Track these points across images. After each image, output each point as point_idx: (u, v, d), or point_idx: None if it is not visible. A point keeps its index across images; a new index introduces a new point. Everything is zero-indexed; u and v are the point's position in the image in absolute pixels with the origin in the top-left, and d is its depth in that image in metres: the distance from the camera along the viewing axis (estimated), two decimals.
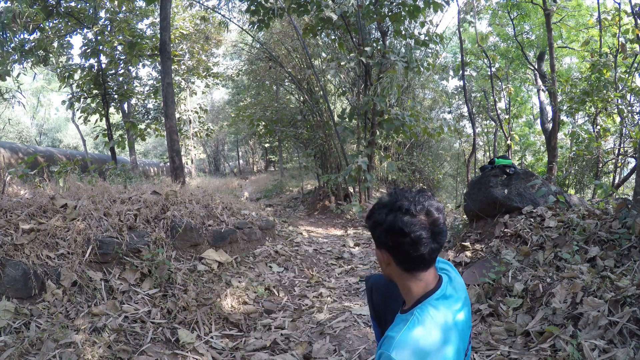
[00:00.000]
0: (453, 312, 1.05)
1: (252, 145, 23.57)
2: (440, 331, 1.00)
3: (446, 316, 1.03)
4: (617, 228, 2.55)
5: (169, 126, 5.25)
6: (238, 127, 14.21)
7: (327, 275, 3.80)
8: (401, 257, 1.04)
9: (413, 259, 1.02)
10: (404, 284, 1.07)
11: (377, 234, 1.06)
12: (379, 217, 1.05)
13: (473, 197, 3.77)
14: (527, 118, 16.38)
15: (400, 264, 1.05)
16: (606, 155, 7.83)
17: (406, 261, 1.04)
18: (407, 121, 6.44)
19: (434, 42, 6.82)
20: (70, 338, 1.91)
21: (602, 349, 1.66)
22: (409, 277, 1.06)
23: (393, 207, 1.03)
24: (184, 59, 11.97)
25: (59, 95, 22.93)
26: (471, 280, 2.85)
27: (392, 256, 1.05)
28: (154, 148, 31.51)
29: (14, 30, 5.43)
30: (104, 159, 11.40)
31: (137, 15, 8.45)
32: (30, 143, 24.12)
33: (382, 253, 1.07)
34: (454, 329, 1.03)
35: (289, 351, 2.22)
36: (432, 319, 1.00)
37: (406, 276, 1.06)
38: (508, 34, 11.67)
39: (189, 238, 3.21)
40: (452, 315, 1.04)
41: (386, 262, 1.08)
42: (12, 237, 2.29)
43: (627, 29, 6.91)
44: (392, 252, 1.05)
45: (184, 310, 2.49)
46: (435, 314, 1.01)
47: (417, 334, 0.97)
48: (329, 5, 5.94)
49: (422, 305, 1.03)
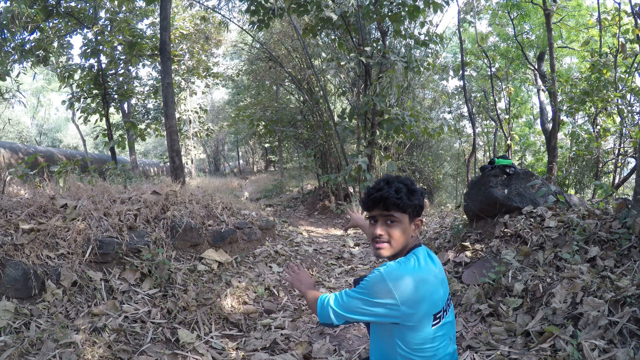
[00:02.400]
0: (439, 266, 1.34)
1: (252, 145, 23.58)
2: (425, 266, 1.27)
3: (431, 264, 1.31)
4: (617, 228, 2.55)
5: (169, 126, 5.25)
6: (238, 127, 14.21)
7: (327, 275, 3.80)
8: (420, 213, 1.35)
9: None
10: (410, 241, 1.34)
11: (419, 203, 1.32)
12: (409, 188, 1.31)
13: (473, 197, 3.76)
14: (527, 118, 16.38)
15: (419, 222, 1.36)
16: (606, 155, 7.83)
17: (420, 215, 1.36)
18: (407, 121, 6.44)
19: (434, 42, 6.82)
20: (70, 338, 1.91)
21: (602, 349, 1.66)
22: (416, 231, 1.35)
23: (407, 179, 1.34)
24: (184, 59, 11.97)
25: (59, 95, 22.95)
26: (471, 280, 2.85)
27: (421, 218, 1.37)
28: (154, 148, 31.51)
29: (13, 30, 5.42)
30: (104, 159, 11.40)
31: (137, 15, 8.44)
32: (30, 143, 24.12)
33: (416, 222, 1.34)
34: (438, 274, 1.31)
35: (289, 351, 2.22)
36: (423, 257, 1.30)
37: (415, 232, 1.35)
38: (508, 34, 11.67)
39: (189, 238, 3.21)
40: (436, 266, 1.33)
41: (417, 225, 1.35)
42: (12, 237, 2.29)
43: (627, 29, 6.91)
44: (421, 213, 1.35)
45: (184, 310, 2.49)
46: (425, 256, 1.31)
47: (407, 264, 1.26)
48: (329, 5, 5.94)
49: (420, 248, 1.34)
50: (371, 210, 1.32)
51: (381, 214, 1.30)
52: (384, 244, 1.30)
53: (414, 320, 1.21)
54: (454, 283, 2.91)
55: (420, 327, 1.23)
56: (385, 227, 1.30)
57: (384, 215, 1.30)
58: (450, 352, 1.32)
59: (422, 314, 1.22)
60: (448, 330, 1.31)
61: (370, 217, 1.34)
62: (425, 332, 1.23)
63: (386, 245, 1.30)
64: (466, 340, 2.16)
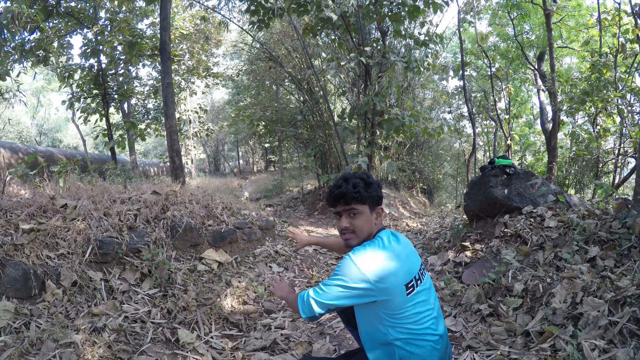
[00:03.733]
0: (403, 243, 1.47)
1: (252, 145, 23.58)
2: (389, 244, 1.41)
3: (395, 242, 1.45)
4: (617, 228, 2.55)
5: (169, 126, 5.24)
6: (238, 127, 14.21)
7: (327, 275, 3.80)
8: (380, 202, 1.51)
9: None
10: (374, 228, 1.48)
11: (378, 193, 1.48)
12: (366, 181, 1.46)
13: (473, 197, 3.76)
14: (527, 118, 16.39)
15: (379, 210, 1.50)
16: (606, 155, 7.84)
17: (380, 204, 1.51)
18: (407, 121, 6.43)
19: (433, 42, 6.81)
20: (70, 338, 1.91)
21: (602, 349, 1.66)
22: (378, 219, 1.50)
23: (363, 174, 1.51)
24: (184, 59, 11.96)
25: (59, 95, 22.94)
26: (471, 280, 2.86)
27: (382, 205, 1.52)
28: (154, 148, 31.52)
29: (13, 30, 5.42)
30: (104, 159, 11.40)
31: (137, 15, 8.44)
32: (30, 143, 24.12)
33: (377, 210, 1.49)
34: (403, 250, 1.43)
35: (289, 351, 2.22)
36: (386, 237, 1.44)
37: (378, 219, 1.50)
38: (508, 34, 11.67)
39: (189, 238, 3.21)
40: (400, 243, 1.46)
41: (378, 213, 1.50)
42: (12, 237, 2.29)
43: (627, 29, 6.91)
44: (381, 202, 1.51)
45: (184, 310, 2.49)
46: (389, 236, 1.46)
47: (373, 245, 1.40)
48: (329, 5, 5.94)
49: (384, 231, 1.48)
50: (335, 207, 1.49)
51: (344, 209, 1.46)
52: (350, 235, 1.47)
53: (388, 293, 1.33)
54: (454, 283, 2.91)
55: (397, 298, 1.35)
56: (349, 219, 1.46)
57: (347, 210, 1.46)
58: (434, 317, 1.44)
59: (394, 286, 1.34)
60: (427, 296, 1.44)
61: (336, 213, 1.50)
62: (402, 300, 1.35)
63: (352, 236, 1.47)
64: (466, 340, 2.16)
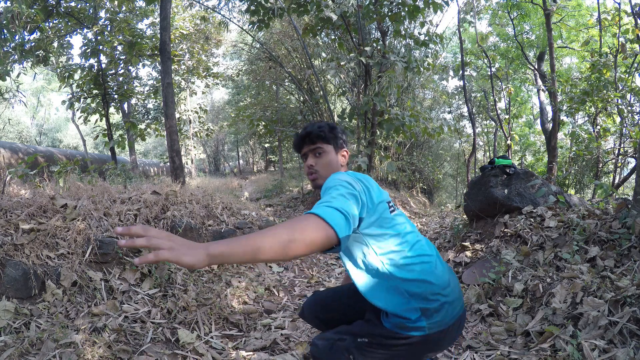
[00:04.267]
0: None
1: (252, 145, 23.58)
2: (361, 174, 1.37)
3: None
4: (617, 228, 2.55)
5: (169, 126, 5.24)
6: (238, 127, 14.21)
7: (327, 275, 3.80)
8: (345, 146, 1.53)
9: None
10: (340, 170, 1.47)
11: (341, 137, 1.50)
12: (330, 125, 1.49)
13: (473, 197, 3.77)
14: (527, 118, 16.39)
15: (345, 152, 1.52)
16: (606, 155, 7.84)
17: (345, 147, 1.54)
18: (407, 121, 6.43)
19: (433, 42, 6.82)
20: (70, 338, 1.91)
21: (602, 349, 1.66)
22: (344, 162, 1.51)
23: (322, 122, 1.52)
24: (184, 59, 11.96)
25: (59, 95, 22.93)
26: (471, 280, 2.86)
27: (346, 149, 1.53)
28: (154, 148, 31.52)
29: (13, 31, 5.42)
30: (104, 159, 11.40)
31: (137, 15, 8.45)
32: (30, 143, 24.13)
33: (342, 152, 1.51)
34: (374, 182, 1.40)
35: (289, 351, 2.22)
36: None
37: (344, 162, 1.51)
38: (508, 34, 11.67)
39: (189, 238, 3.21)
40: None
41: (343, 156, 1.52)
42: (12, 237, 2.29)
43: (627, 29, 6.91)
44: (347, 148, 1.53)
45: (184, 310, 2.49)
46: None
47: (345, 173, 1.36)
48: (329, 5, 5.94)
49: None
50: (301, 149, 1.51)
51: (309, 149, 1.48)
52: (315, 174, 1.46)
53: (373, 201, 1.24)
54: None
55: (381, 213, 1.26)
56: (315, 159, 1.47)
57: (312, 149, 1.48)
58: (420, 240, 1.35)
59: (377, 196, 1.28)
60: (407, 220, 1.38)
61: (302, 156, 1.52)
62: (387, 218, 1.28)
63: (317, 175, 1.46)
64: (466, 340, 2.16)
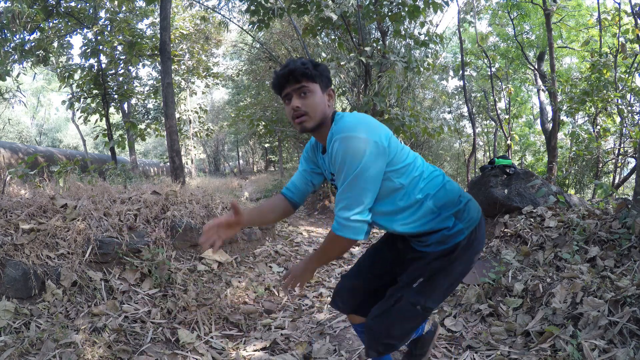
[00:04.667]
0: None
1: (252, 145, 23.58)
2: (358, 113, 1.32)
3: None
4: (617, 228, 2.55)
5: (169, 126, 5.24)
6: (238, 127, 14.20)
7: (327, 275, 3.80)
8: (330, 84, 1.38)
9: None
10: (327, 111, 1.35)
11: (327, 75, 1.35)
12: (313, 61, 1.33)
13: (473, 197, 3.76)
14: (527, 118, 16.39)
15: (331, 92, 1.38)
16: (606, 155, 7.84)
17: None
18: (407, 121, 6.43)
19: (433, 42, 6.81)
20: (70, 338, 1.91)
21: (602, 349, 1.66)
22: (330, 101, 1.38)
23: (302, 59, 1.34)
24: (184, 59, 11.96)
25: (59, 95, 22.92)
26: (471, 280, 2.85)
27: (334, 92, 1.40)
28: (154, 148, 31.52)
29: (14, 30, 5.42)
30: (104, 159, 11.40)
31: (137, 15, 8.44)
32: (30, 143, 24.12)
33: (328, 92, 1.37)
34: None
35: (289, 351, 2.22)
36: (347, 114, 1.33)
37: (330, 102, 1.38)
38: (508, 34, 11.67)
39: (189, 238, 3.21)
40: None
41: (330, 95, 1.37)
42: (12, 237, 2.29)
43: (627, 29, 6.91)
44: (332, 86, 1.40)
45: (184, 310, 2.49)
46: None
47: (346, 116, 1.29)
48: (329, 5, 5.94)
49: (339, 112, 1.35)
50: (283, 89, 1.33)
51: (293, 89, 1.31)
52: (303, 117, 1.31)
53: (390, 146, 1.26)
54: None
55: (396, 149, 1.29)
56: (300, 100, 1.31)
57: (297, 89, 1.31)
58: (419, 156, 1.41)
59: (388, 139, 1.27)
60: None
61: (284, 97, 1.35)
62: (401, 149, 1.32)
63: (306, 117, 1.31)
64: (466, 340, 2.16)
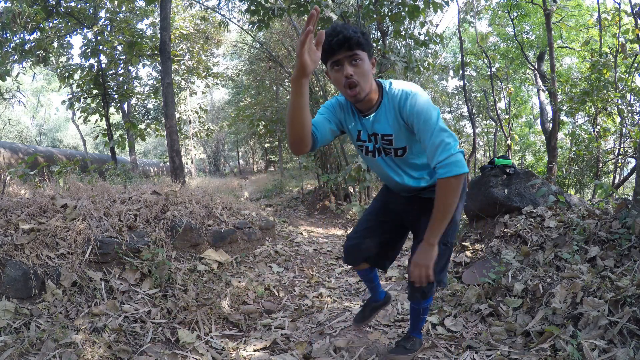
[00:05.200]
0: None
1: (252, 145, 23.57)
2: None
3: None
4: (617, 228, 2.55)
5: (169, 126, 5.25)
6: (238, 127, 14.21)
7: (327, 275, 3.80)
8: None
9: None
10: (372, 80, 1.42)
11: (372, 44, 1.43)
12: (365, 32, 1.37)
13: (473, 197, 3.76)
14: (527, 118, 16.39)
15: (374, 61, 1.43)
16: (606, 155, 7.83)
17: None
18: None
19: (434, 42, 6.81)
20: (70, 338, 1.91)
21: (602, 349, 1.66)
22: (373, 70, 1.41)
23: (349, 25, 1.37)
24: (184, 59, 11.97)
25: (59, 95, 22.91)
26: (471, 280, 2.86)
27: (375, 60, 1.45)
28: (154, 148, 31.52)
29: (14, 30, 5.42)
30: (104, 159, 11.40)
31: (137, 15, 8.45)
32: (30, 143, 24.11)
33: (372, 61, 1.41)
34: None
35: (289, 351, 2.22)
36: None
37: (373, 71, 1.41)
38: (508, 34, 11.67)
39: (189, 238, 3.21)
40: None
41: (373, 64, 1.41)
42: (12, 237, 2.29)
43: (627, 29, 6.91)
44: (374, 53, 1.46)
45: (184, 310, 2.49)
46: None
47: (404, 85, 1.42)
48: (329, 5, 5.94)
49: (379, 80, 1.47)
50: (335, 55, 1.34)
51: (346, 55, 1.33)
52: (356, 88, 1.35)
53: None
54: (454, 283, 2.91)
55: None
56: (352, 67, 1.34)
57: (349, 56, 1.33)
58: None
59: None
60: None
61: (333, 63, 1.36)
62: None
63: (358, 88, 1.35)
64: (466, 340, 2.16)
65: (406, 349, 1.95)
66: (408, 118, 1.36)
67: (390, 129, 1.43)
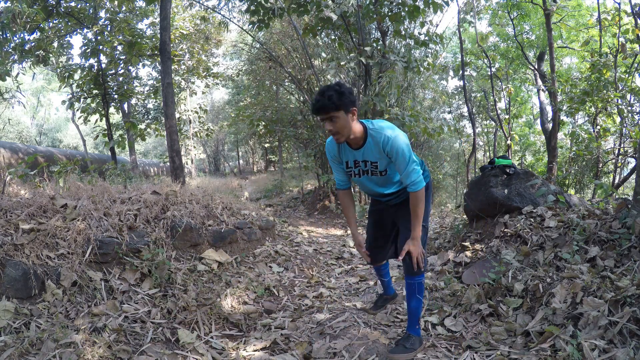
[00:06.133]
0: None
1: (252, 145, 23.56)
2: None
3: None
4: (617, 228, 2.55)
5: (169, 126, 5.25)
6: (238, 127, 14.20)
7: (327, 275, 3.80)
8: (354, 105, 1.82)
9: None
10: (356, 125, 1.87)
11: (350, 99, 1.76)
12: (338, 91, 1.73)
13: (473, 197, 3.76)
14: (527, 118, 16.38)
15: (354, 111, 1.82)
16: (606, 155, 7.83)
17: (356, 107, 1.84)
18: (407, 121, 6.42)
19: (433, 42, 6.81)
20: (70, 338, 1.91)
21: (602, 349, 1.66)
22: (354, 117, 1.84)
23: (336, 85, 1.77)
24: (184, 59, 11.96)
25: (59, 95, 22.92)
26: (471, 280, 2.86)
27: (355, 106, 1.82)
28: (154, 148, 31.50)
29: (14, 30, 5.42)
30: (104, 159, 11.40)
31: (137, 15, 8.44)
32: (30, 143, 24.11)
33: (351, 111, 1.80)
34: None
35: (289, 351, 2.22)
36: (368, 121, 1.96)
37: (354, 117, 1.83)
38: (508, 34, 11.67)
39: (189, 238, 3.21)
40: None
41: (353, 113, 1.81)
42: (12, 237, 2.29)
43: (627, 29, 6.91)
44: (355, 105, 1.82)
45: (184, 310, 2.50)
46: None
47: (384, 125, 1.90)
48: (329, 5, 5.94)
49: (362, 121, 1.93)
50: (317, 115, 1.82)
51: (324, 117, 1.78)
52: (336, 135, 1.82)
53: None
54: (454, 283, 2.91)
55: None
56: (332, 124, 1.78)
57: (327, 117, 1.77)
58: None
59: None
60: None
61: (321, 120, 1.82)
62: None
63: (338, 136, 1.82)
64: (466, 340, 2.16)
65: (406, 347, 2.04)
66: (389, 154, 1.87)
67: (375, 158, 1.94)
